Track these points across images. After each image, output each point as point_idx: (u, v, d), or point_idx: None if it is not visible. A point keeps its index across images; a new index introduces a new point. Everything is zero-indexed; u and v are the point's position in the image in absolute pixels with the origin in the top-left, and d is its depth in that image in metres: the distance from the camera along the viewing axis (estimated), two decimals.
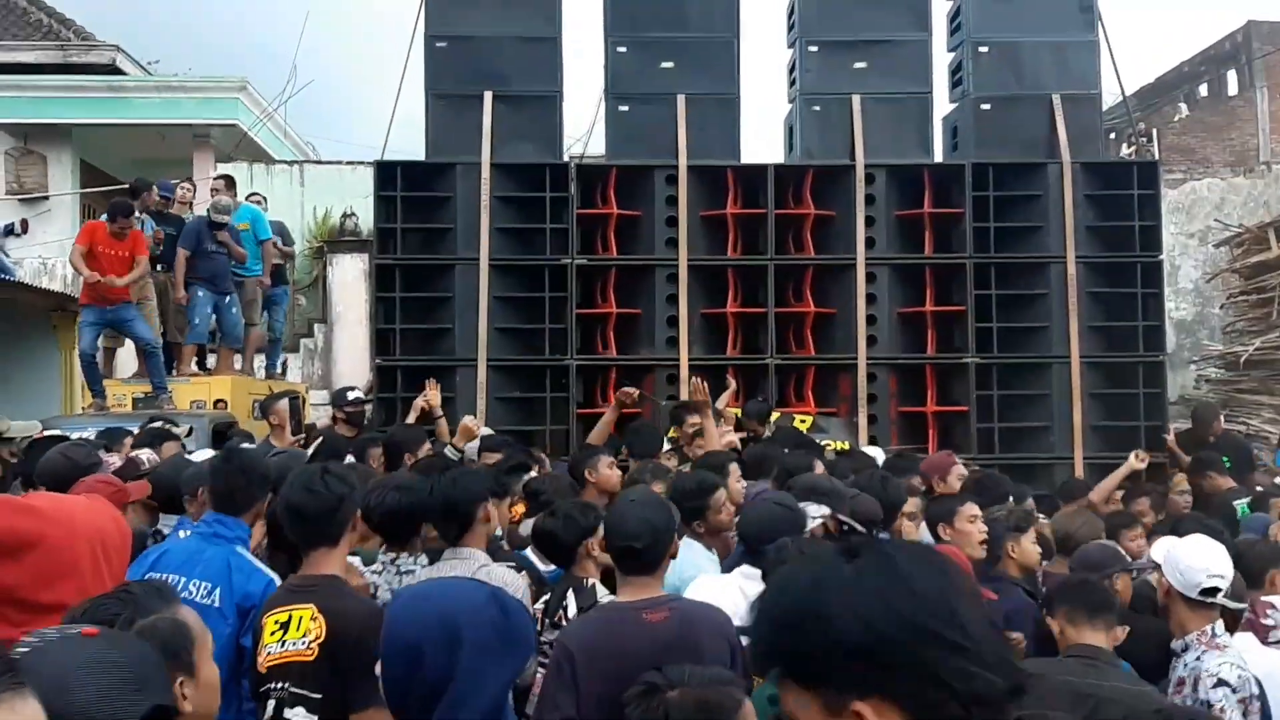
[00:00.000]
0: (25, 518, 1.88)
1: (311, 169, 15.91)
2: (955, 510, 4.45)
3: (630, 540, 3.01)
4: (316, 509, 2.99)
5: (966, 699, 1.12)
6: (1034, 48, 8.70)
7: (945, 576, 1.19)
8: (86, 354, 8.67)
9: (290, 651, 2.83)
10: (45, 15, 17.00)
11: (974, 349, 8.24)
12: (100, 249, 8.53)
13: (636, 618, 2.94)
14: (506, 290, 8.20)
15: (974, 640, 1.14)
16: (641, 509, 3.12)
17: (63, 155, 16.21)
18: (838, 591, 1.16)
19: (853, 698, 1.13)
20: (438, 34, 8.45)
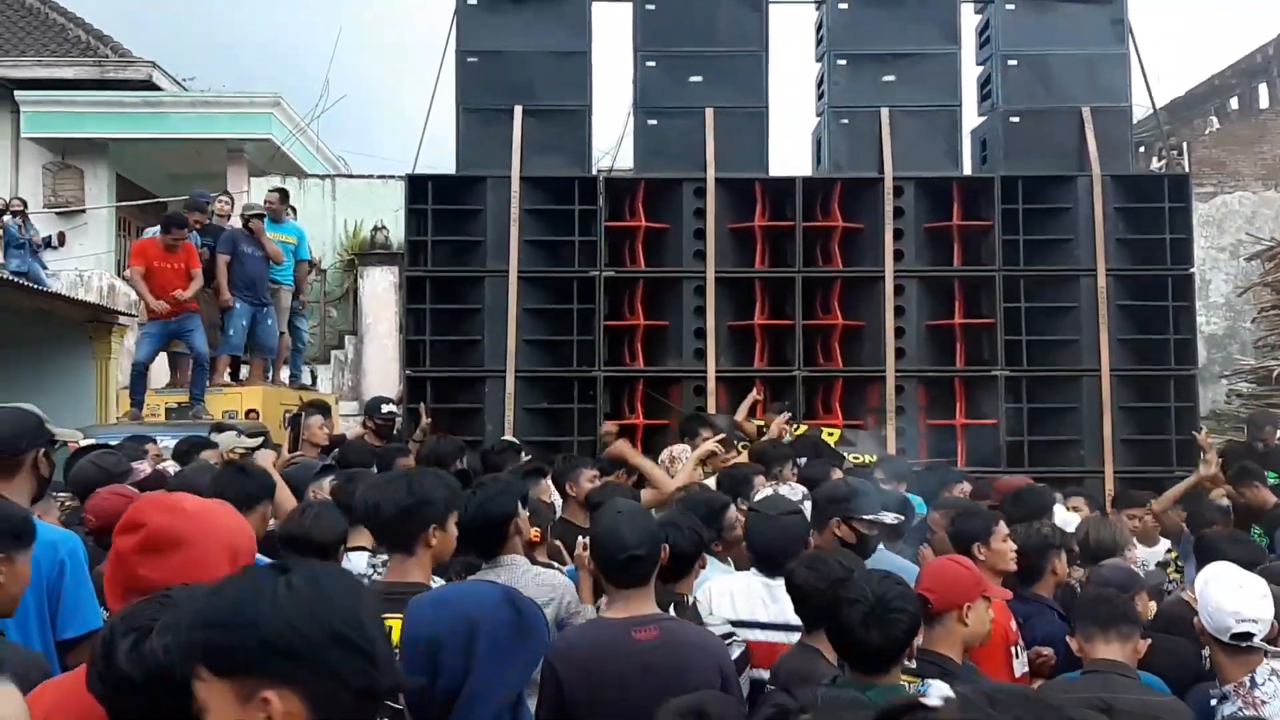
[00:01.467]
0: (175, 517, 1.95)
1: (343, 183, 16.08)
2: (991, 530, 4.24)
3: (632, 550, 2.92)
4: (385, 513, 2.96)
5: (357, 691, 1.41)
6: (1063, 60, 8.68)
7: (358, 596, 1.48)
8: (141, 364, 8.80)
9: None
10: (83, 32, 17.28)
11: (1003, 362, 8.21)
12: (155, 264, 8.68)
13: (625, 635, 2.87)
14: (535, 302, 8.26)
15: (372, 646, 1.43)
16: (634, 519, 3.04)
17: (99, 170, 16.45)
18: (271, 599, 1.40)
19: (264, 687, 1.37)
20: (469, 49, 8.53)
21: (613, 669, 2.82)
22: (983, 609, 3.23)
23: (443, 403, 8.20)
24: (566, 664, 2.86)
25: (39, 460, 3.18)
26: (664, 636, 2.87)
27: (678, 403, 8.20)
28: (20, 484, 3.12)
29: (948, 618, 3.17)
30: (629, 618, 2.91)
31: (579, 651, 2.92)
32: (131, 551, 1.94)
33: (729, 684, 2.88)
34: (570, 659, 2.88)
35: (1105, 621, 3.24)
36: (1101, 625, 3.24)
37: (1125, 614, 3.32)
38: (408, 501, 2.95)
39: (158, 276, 8.67)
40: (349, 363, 14.12)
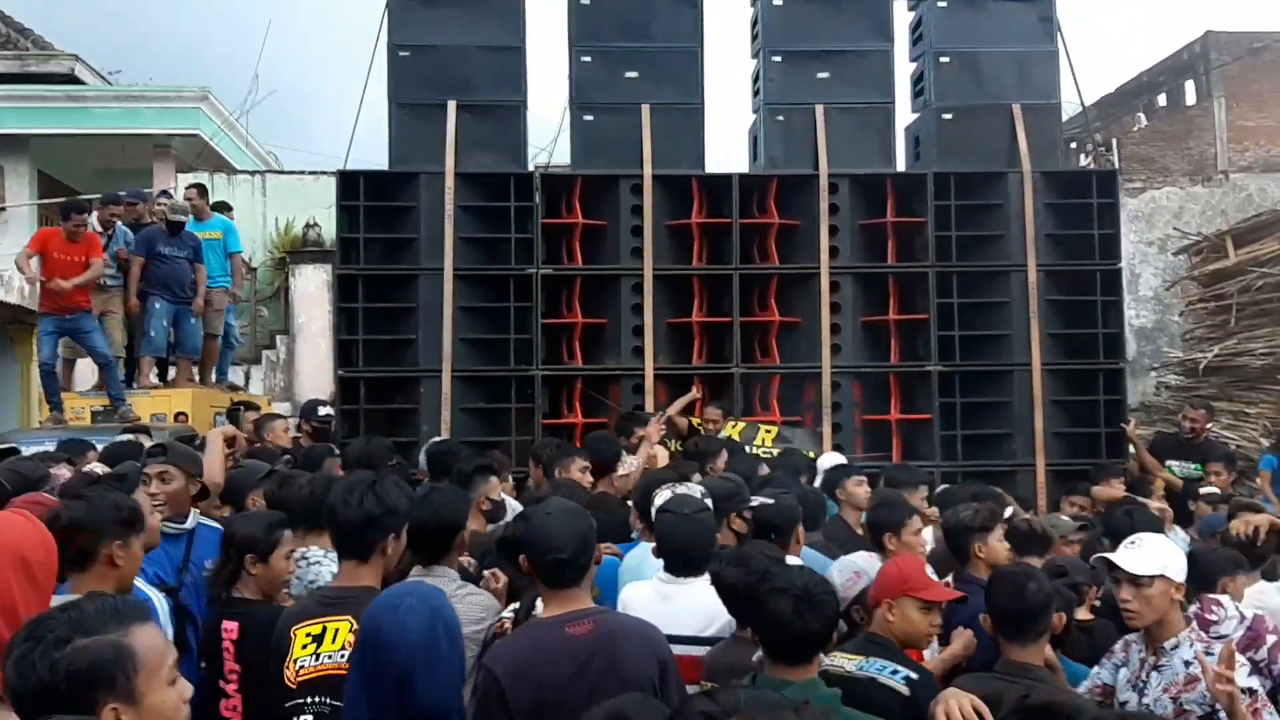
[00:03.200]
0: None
1: (274, 179, 15.80)
2: (903, 522, 4.54)
3: (556, 552, 2.91)
4: (351, 520, 2.93)
5: None
6: (995, 58, 8.78)
7: None
8: (46, 364, 8.55)
9: (328, 665, 2.76)
10: (2, 25, 16.79)
11: (937, 357, 8.29)
12: (55, 254, 8.41)
13: (559, 632, 2.86)
14: (471, 300, 8.16)
15: None
16: (563, 518, 3.02)
17: (20, 166, 16.00)
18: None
19: None
20: (401, 43, 8.40)
21: (551, 667, 2.79)
22: (909, 608, 3.29)
23: (377, 403, 8.08)
24: (505, 667, 2.82)
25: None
26: (598, 629, 2.86)
27: (616, 401, 8.17)
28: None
29: (877, 612, 3.33)
30: (562, 614, 2.90)
31: (516, 654, 2.88)
32: None
33: (667, 672, 2.88)
34: (508, 662, 2.84)
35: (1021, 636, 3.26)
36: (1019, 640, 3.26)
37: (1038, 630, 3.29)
38: (375, 510, 2.95)
39: (56, 267, 8.40)
40: (281, 363, 13.88)
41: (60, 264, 8.39)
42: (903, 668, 3.10)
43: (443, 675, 2.47)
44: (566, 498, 4.14)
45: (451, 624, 2.51)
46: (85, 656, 1.69)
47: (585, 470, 5.39)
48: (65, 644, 1.68)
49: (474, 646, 3.20)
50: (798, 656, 2.80)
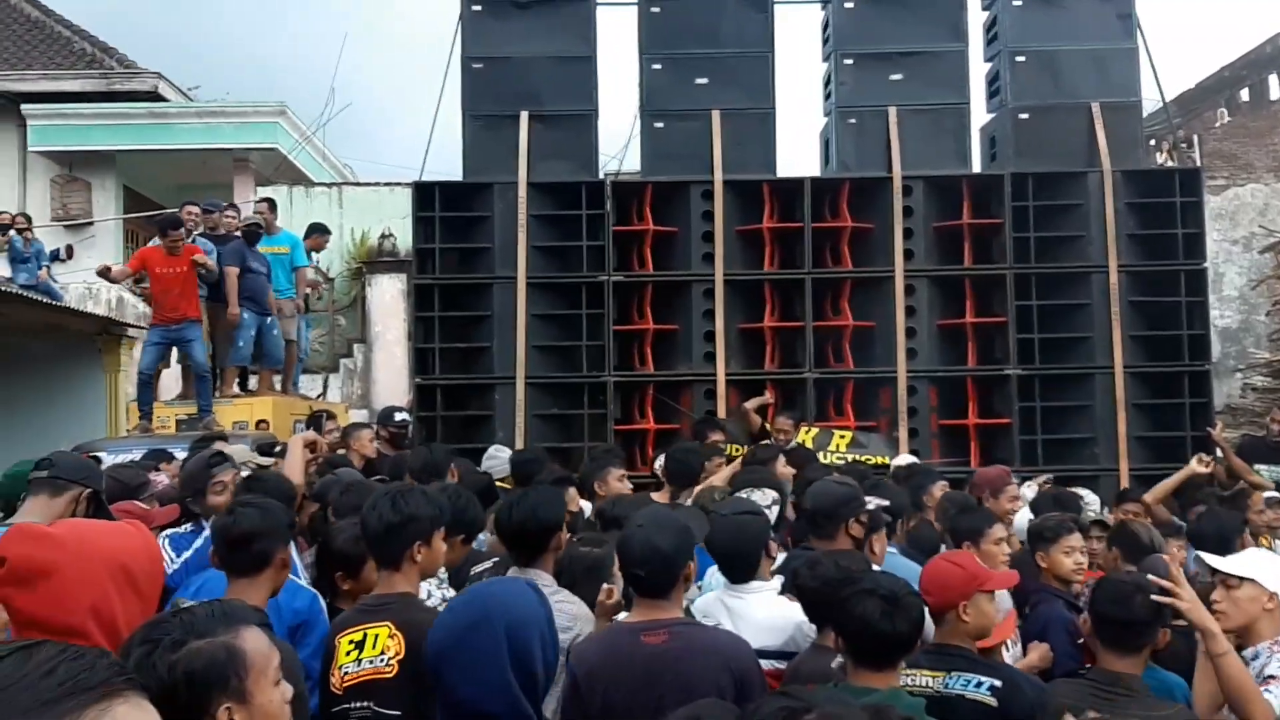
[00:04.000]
0: (39, 546, 1.91)
1: (350, 191, 16.08)
2: (983, 531, 4.36)
3: (633, 566, 2.97)
4: (379, 529, 2.99)
5: None
6: (1072, 56, 8.63)
7: None
8: (145, 372, 8.80)
9: (368, 670, 2.81)
10: (89, 44, 17.33)
11: (1016, 361, 8.16)
12: (159, 270, 8.66)
13: (634, 639, 2.89)
14: (544, 308, 8.23)
15: None
16: (648, 534, 3.01)
17: (106, 182, 16.50)
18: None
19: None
20: (474, 55, 8.51)
21: (620, 673, 2.83)
22: (983, 603, 3.24)
23: (453, 410, 8.18)
24: (580, 667, 2.90)
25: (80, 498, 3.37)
26: (672, 641, 2.87)
27: (688, 407, 8.17)
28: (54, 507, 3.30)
29: (949, 615, 3.22)
30: (641, 622, 2.93)
31: (591, 654, 2.95)
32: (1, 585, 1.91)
33: (746, 686, 2.86)
34: (584, 661, 2.92)
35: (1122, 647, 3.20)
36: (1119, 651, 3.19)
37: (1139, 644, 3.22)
38: (394, 520, 2.99)
39: (158, 281, 8.65)
40: (358, 371, 14.11)
41: (165, 278, 8.64)
42: (985, 678, 3.06)
43: (485, 674, 2.44)
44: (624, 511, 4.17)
45: (510, 624, 2.47)
46: (200, 658, 1.74)
47: (622, 479, 5.37)
48: (181, 646, 1.74)
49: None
50: (883, 661, 2.78)
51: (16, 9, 18.15)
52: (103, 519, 3.56)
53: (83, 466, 3.46)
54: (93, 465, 3.56)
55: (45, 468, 3.39)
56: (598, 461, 5.67)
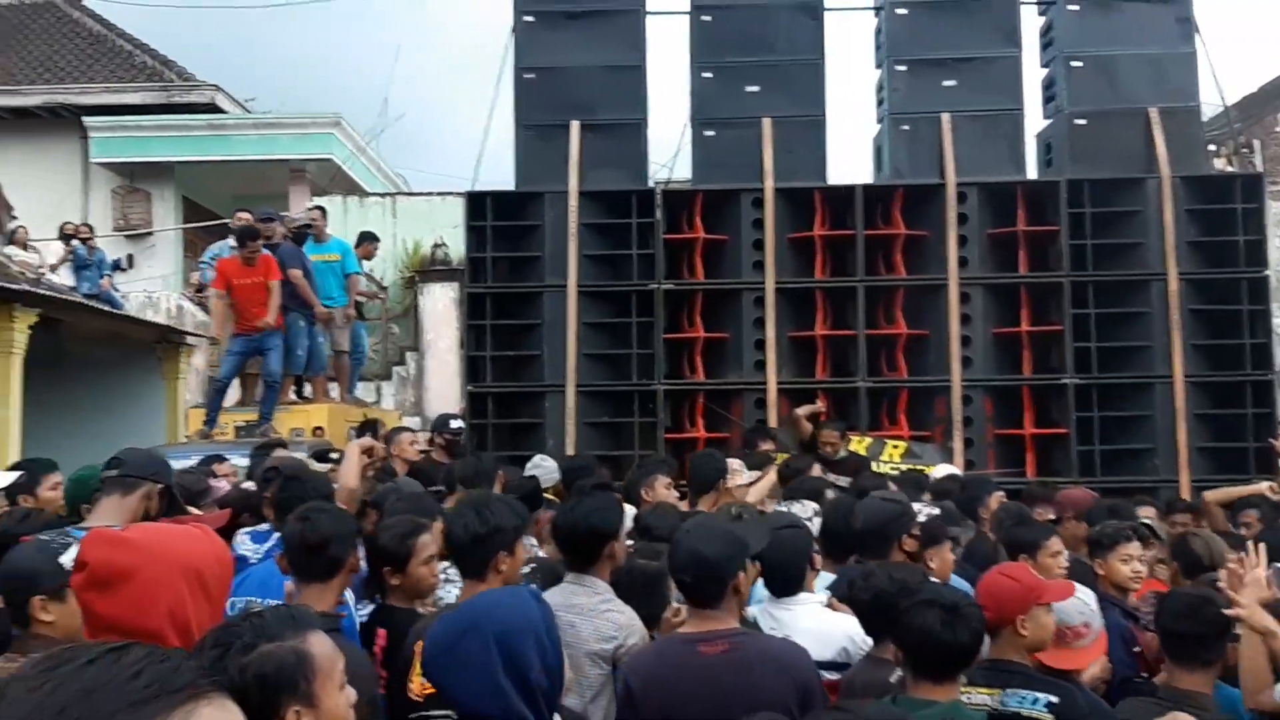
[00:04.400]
0: (118, 550, 1.95)
1: (403, 200, 16.25)
2: (1040, 544, 4.30)
3: (679, 573, 2.95)
4: (466, 539, 3.02)
5: None
6: (1129, 60, 8.50)
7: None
8: (221, 380, 8.92)
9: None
10: (149, 57, 17.70)
11: (1073, 369, 8.04)
12: (235, 281, 8.79)
13: (692, 650, 2.87)
14: (594, 316, 8.25)
15: None
16: (693, 541, 2.98)
17: (166, 192, 16.83)
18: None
19: None
20: (526, 65, 8.58)
21: (679, 683, 2.81)
22: (1041, 615, 3.19)
23: (504, 418, 8.23)
24: (636, 677, 2.89)
25: (152, 494, 3.41)
26: (732, 651, 2.85)
27: (739, 415, 8.14)
28: (126, 506, 3.34)
29: (1005, 630, 3.16)
30: (698, 632, 2.91)
31: (647, 665, 2.94)
32: (82, 589, 1.94)
33: (809, 697, 2.84)
34: (639, 672, 2.91)
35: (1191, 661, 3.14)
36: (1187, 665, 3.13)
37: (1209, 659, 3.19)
38: (480, 530, 3.01)
39: (237, 292, 8.79)
40: (411, 379, 14.24)
41: (243, 289, 8.78)
42: (1041, 694, 3.01)
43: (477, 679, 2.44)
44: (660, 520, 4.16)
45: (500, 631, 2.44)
46: (271, 661, 1.78)
47: (670, 486, 5.34)
48: (252, 649, 1.78)
49: (602, 663, 3.22)
50: (943, 673, 2.74)
51: (80, 24, 18.59)
52: (175, 514, 3.64)
53: (152, 463, 3.49)
54: (162, 460, 3.58)
55: (115, 466, 3.43)
56: (645, 469, 5.66)
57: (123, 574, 1.90)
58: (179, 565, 1.94)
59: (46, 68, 17.19)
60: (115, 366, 12.07)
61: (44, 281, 11.51)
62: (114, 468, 3.42)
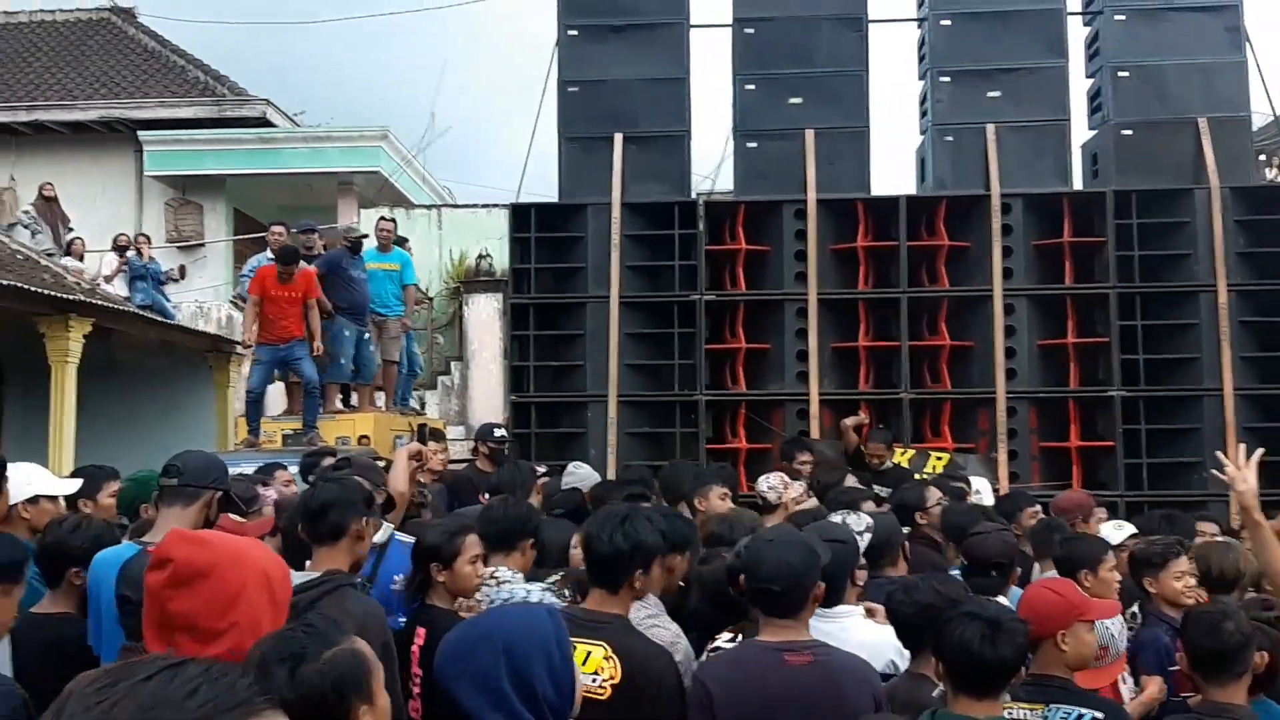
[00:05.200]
0: (199, 549, 2.00)
1: (449, 212, 16.40)
2: (1101, 559, 4.19)
3: (767, 583, 2.88)
4: (608, 552, 2.98)
5: None
6: (1178, 70, 8.42)
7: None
8: (254, 391, 9.04)
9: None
10: (201, 72, 18.03)
11: (1120, 382, 7.96)
12: (271, 292, 8.92)
13: (777, 660, 2.82)
14: (636, 327, 8.30)
15: None
16: (780, 549, 2.95)
17: (217, 204, 17.12)
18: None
19: None
20: (570, 79, 8.66)
21: (765, 693, 2.77)
22: (1083, 632, 3.16)
23: (547, 427, 8.29)
24: (716, 683, 2.84)
25: (212, 502, 3.43)
26: (817, 662, 2.82)
27: (780, 426, 8.14)
28: (189, 516, 3.34)
29: (1046, 644, 3.12)
30: (780, 641, 2.86)
31: (730, 672, 2.90)
32: (162, 587, 1.97)
33: (880, 709, 2.83)
34: (720, 679, 2.86)
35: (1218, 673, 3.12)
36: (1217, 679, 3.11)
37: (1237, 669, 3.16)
38: (624, 546, 2.97)
39: (270, 303, 8.90)
40: (455, 388, 14.36)
41: (278, 300, 8.89)
42: (1086, 710, 2.98)
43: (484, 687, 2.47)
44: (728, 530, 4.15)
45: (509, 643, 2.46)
46: (341, 664, 1.84)
47: (725, 496, 5.32)
48: (320, 656, 1.84)
49: None
50: (984, 689, 2.70)
51: (135, 41, 18.99)
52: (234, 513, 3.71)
53: (211, 469, 3.49)
54: (220, 464, 3.57)
55: (174, 474, 3.40)
56: (702, 478, 5.62)
57: (203, 572, 1.95)
58: (254, 568, 1.99)
59: (103, 84, 17.57)
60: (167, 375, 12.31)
61: (98, 292, 11.76)
62: (172, 475, 3.41)
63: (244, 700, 0.95)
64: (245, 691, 0.96)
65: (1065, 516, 5.51)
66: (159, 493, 3.47)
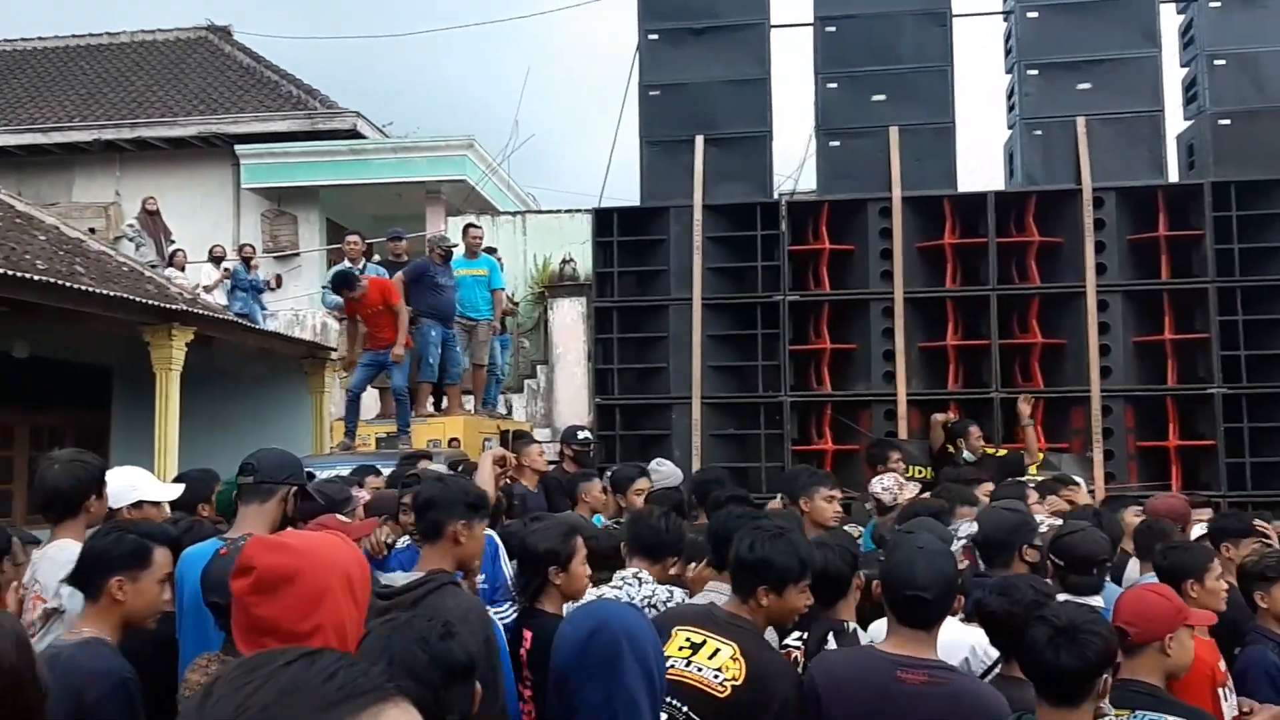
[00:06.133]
0: (281, 554, 2.06)
1: (533, 218, 16.58)
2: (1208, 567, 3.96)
3: (920, 590, 2.77)
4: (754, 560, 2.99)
5: None
6: (1275, 58, 8.14)
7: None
8: (354, 390, 9.32)
9: (698, 676, 2.84)
10: (294, 87, 18.52)
11: (1220, 378, 7.71)
12: (357, 313, 9.27)
13: (889, 672, 2.73)
14: (719, 328, 8.29)
15: None
16: (933, 557, 2.86)
17: (311, 215, 17.56)
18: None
19: None
20: (651, 83, 8.70)
21: (874, 704, 2.71)
22: (1185, 637, 3.06)
23: (631, 429, 8.33)
24: (825, 679, 2.81)
25: (289, 497, 3.48)
26: (933, 684, 2.73)
27: (868, 427, 8.06)
28: (267, 513, 3.41)
29: (1149, 649, 3.01)
30: (899, 655, 2.79)
31: (841, 674, 2.85)
32: (246, 593, 2.02)
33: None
34: (831, 676, 2.83)
35: None
36: None
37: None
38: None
39: (365, 319, 9.21)
40: (541, 391, 14.51)
41: (366, 316, 9.21)
42: (1172, 717, 2.89)
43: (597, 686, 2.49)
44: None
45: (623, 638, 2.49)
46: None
47: (832, 498, 5.27)
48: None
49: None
50: (1060, 697, 2.61)
51: (231, 58, 19.60)
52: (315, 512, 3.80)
53: (285, 465, 3.54)
54: (294, 460, 3.62)
55: (250, 472, 3.47)
56: (810, 479, 5.56)
57: (286, 578, 2.00)
58: (336, 570, 2.05)
59: (201, 100, 18.17)
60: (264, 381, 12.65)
61: (199, 302, 12.15)
62: (248, 473, 3.48)
63: (378, 686, 0.99)
64: (378, 678, 1.01)
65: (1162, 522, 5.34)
66: (237, 491, 3.56)
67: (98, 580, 2.84)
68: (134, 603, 2.84)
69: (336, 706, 0.95)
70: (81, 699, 2.56)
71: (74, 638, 2.79)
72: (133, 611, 2.86)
